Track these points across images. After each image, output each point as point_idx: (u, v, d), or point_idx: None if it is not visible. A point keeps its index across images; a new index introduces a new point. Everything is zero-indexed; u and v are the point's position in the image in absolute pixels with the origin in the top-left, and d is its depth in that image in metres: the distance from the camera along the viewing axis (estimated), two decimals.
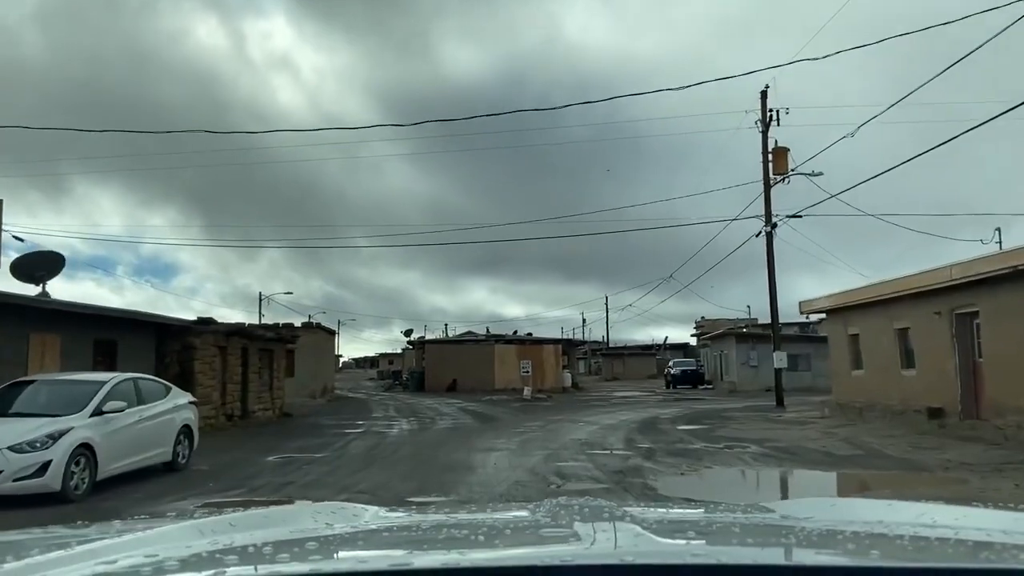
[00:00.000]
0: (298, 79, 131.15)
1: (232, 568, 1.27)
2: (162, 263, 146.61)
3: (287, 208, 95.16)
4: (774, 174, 29.06)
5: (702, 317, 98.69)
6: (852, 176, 47.53)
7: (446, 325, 70.55)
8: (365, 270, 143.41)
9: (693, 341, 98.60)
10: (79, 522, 1.98)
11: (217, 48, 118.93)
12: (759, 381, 44.29)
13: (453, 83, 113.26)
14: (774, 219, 28.91)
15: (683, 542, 1.58)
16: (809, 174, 28.84)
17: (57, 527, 1.91)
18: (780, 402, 28.45)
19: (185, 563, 1.34)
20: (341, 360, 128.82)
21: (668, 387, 52.88)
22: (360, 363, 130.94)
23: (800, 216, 28.65)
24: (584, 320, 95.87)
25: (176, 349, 20.14)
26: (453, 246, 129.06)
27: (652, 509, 2.18)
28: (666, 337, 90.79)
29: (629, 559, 1.25)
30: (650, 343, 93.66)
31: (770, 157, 29.19)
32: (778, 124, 28.66)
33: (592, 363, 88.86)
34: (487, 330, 55.98)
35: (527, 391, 36.63)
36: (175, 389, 13.34)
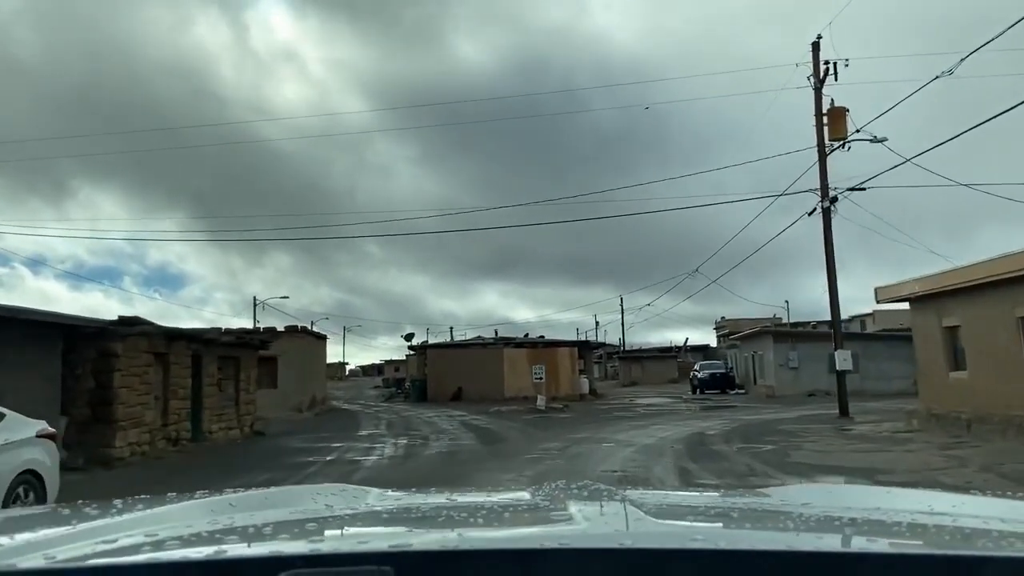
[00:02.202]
0: (301, 72, 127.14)
1: (232, 547, 1.28)
2: (169, 273, 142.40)
3: (292, 204, 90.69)
4: (830, 139, 24.47)
5: (722, 317, 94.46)
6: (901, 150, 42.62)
7: (451, 328, 65.63)
8: (376, 275, 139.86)
9: (714, 342, 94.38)
10: (80, 501, 1.89)
11: (216, 41, 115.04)
12: (800, 385, 39.59)
13: (466, 71, 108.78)
14: (832, 192, 24.29)
15: (682, 526, 1.62)
16: (871, 139, 24.33)
17: (58, 506, 1.90)
18: (845, 411, 23.79)
19: (185, 541, 1.33)
20: (348, 368, 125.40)
21: (694, 392, 48.33)
22: (367, 371, 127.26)
23: (864, 188, 24.02)
24: (597, 323, 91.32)
25: (91, 358, 15.70)
26: (464, 249, 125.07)
27: (651, 493, 2.21)
28: (687, 338, 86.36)
29: (628, 543, 1.26)
30: (668, 345, 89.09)
31: (824, 120, 24.63)
32: (836, 79, 24.09)
33: (608, 367, 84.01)
34: (495, 332, 51.32)
35: (541, 400, 32.04)
36: (11, 416, 8.86)
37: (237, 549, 1.26)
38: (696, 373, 48.83)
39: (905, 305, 21.23)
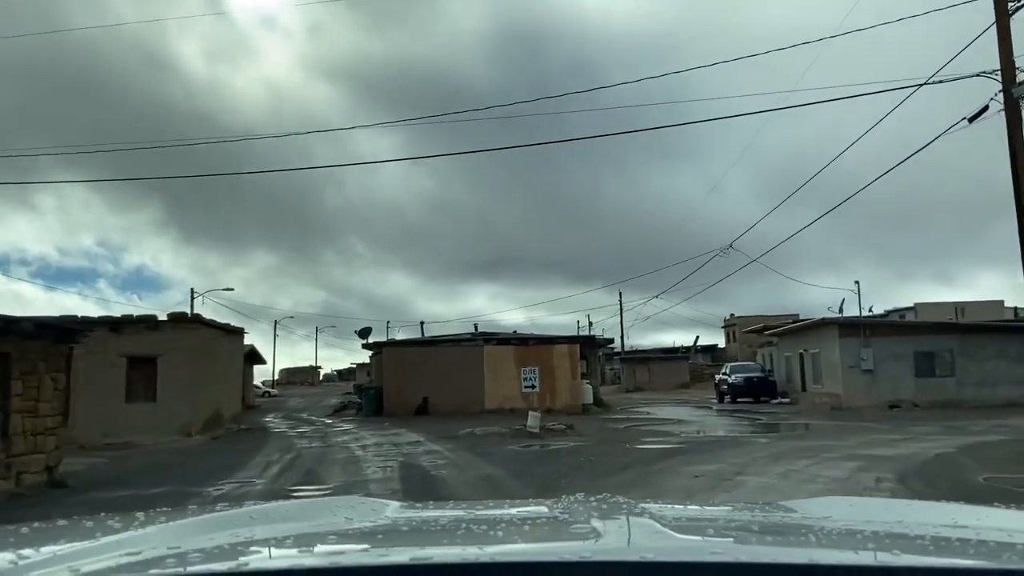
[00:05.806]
0: (283, 40, 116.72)
1: (254, 560, 1.27)
2: (146, 276, 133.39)
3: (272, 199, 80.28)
4: None
5: (731, 314, 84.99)
6: None
7: (422, 323, 55.13)
8: (362, 276, 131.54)
9: (722, 342, 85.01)
10: (102, 514, 1.87)
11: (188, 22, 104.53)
12: (877, 393, 29.69)
13: (459, 54, 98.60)
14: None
15: (702, 539, 1.56)
16: None
17: (82, 518, 1.83)
18: None
19: (208, 554, 1.32)
20: (322, 372, 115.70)
21: (722, 400, 38.82)
22: (343, 375, 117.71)
23: None
24: (591, 323, 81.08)
25: None
26: (453, 249, 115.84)
27: (670, 506, 2.11)
28: (696, 337, 76.93)
29: (648, 556, 1.23)
30: (673, 346, 79.64)
31: None
32: None
33: (607, 370, 73.93)
34: (475, 327, 41.10)
35: (532, 419, 22.02)
36: None
37: (259, 562, 1.26)
38: (726, 377, 39.04)
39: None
